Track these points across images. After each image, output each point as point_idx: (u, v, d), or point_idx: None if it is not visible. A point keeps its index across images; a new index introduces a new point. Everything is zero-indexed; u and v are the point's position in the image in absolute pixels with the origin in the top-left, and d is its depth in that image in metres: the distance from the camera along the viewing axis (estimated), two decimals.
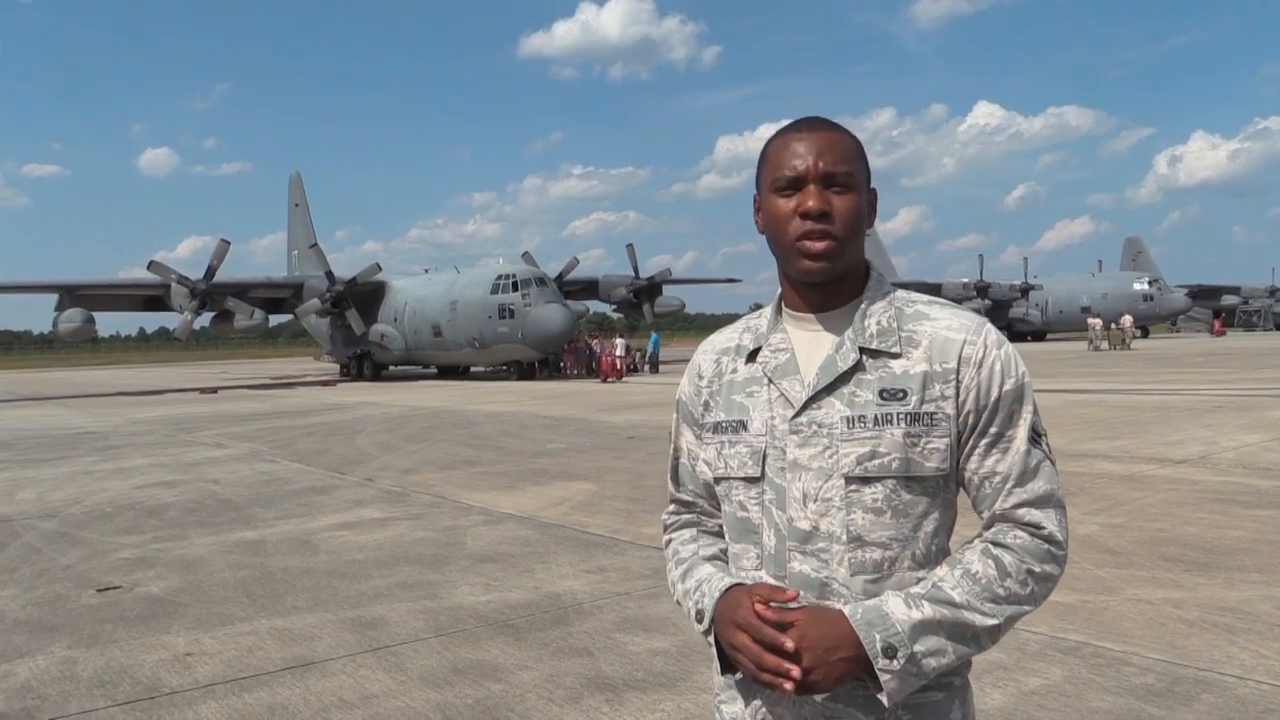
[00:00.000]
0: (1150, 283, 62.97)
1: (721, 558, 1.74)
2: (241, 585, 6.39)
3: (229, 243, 36.01)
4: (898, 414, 1.55)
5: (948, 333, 1.59)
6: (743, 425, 1.65)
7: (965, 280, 63.51)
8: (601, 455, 12.56)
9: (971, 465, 1.59)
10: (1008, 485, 1.57)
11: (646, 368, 39.25)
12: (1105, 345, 45.43)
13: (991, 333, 1.61)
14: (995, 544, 1.55)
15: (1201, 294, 70.80)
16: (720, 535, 1.78)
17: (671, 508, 1.87)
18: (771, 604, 1.51)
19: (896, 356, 1.58)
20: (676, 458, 1.84)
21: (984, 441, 1.58)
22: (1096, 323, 47.56)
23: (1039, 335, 65.92)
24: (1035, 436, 1.58)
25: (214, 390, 34.54)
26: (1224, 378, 22.53)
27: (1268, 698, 3.92)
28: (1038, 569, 1.54)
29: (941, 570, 1.55)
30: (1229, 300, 74.80)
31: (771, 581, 1.59)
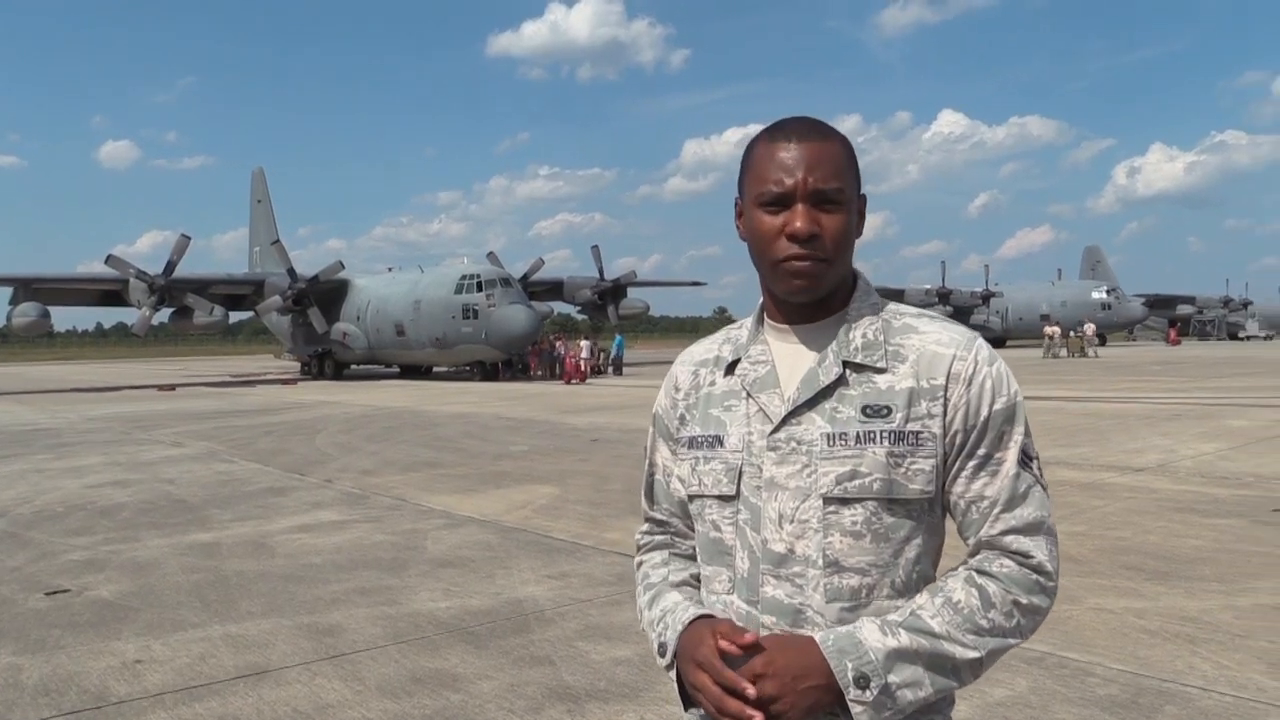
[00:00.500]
0: (1108, 291, 63.95)
1: (692, 584, 1.66)
2: (195, 589, 6.23)
3: (189, 238, 35.50)
4: (881, 432, 1.47)
5: (936, 347, 1.51)
6: (719, 440, 1.57)
7: (927, 286, 64.07)
8: (564, 458, 12.47)
9: (958, 488, 1.51)
10: (995, 510, 1.49)
11: (610, 370, 39.13)
12: (1064, 353, 46.07)
13: (983, 348, 1.53)
14: (980, 572, 1.48)
15: (1158, 303, 71.95)
16: (692, 558, 1.70)
17: (645, 527, 1.78)
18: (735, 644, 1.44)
19: (882, 371, 1.50)
20: (651, 474, 1.76)
21: (971, 463, 1.50)
22: (1054, 330, 48.21)
23: (999, 342, 66.53)
24: (1026, 459, 1.51)
25: (172, 387, 34.03)
26: (1180, 386, 22.85)
27: (1230, 709, 3.92)
28: (1024, 600, 1.46)
29: (921, 598, 1.47)
30: (1184, 310, 76.02)
31: (744, 607, 1.52)
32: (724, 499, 1.55)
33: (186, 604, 5.90)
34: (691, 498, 1.63)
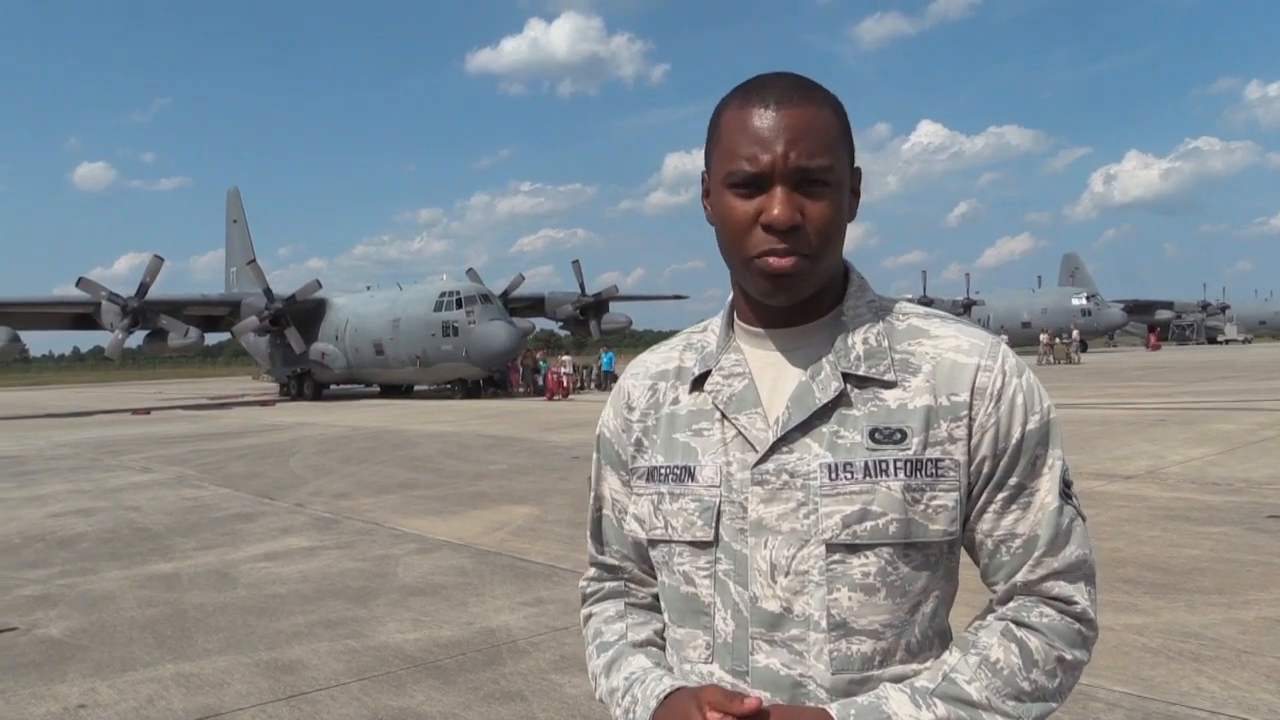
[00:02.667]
0: (1088, 298, 64.29)
1: (657, 643, 1.38)
2: (149, 625, 5.92)
3: (162, 259, 34.97)
4: (895, 461, 1.19)
5: (955, 355, 1.23)
6: (689, 473, 1.28)
7: (908, 296, 63.89)
8: (544, 476, 12.18)
9: (984, 525, 1.24)
10: (1035, 552, 1.22)
11: (609, 383, 38.59)
12: (1050, 359, 46.47)
13: (1009, 356, 1.25)
14: (1019, 624, 1.21)
15: (1137, 309, 72.36)
16: (654, 609, 1.41)
17: (591, 572, 1.49)
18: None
19: (890, 386, 1.22)
20: (599, 509, 1.46)
21: (1001, 495, 1.23)
22: (1044, 337, 49.44)
23: None
24: (1065, 489, 1.24)
25: (147, 411, 33.48)
26: (1164, 391, 22.78)
27: None
28: (1069, 655, 1.20)
29: (953, 657, 1.20)
30: (1163, 315, 76.51)
31: (728, 679, 1.23)
32: (699, 545, 1.27)
33: (139, 641, 5.59)
34: (654, 543, 1.33)
